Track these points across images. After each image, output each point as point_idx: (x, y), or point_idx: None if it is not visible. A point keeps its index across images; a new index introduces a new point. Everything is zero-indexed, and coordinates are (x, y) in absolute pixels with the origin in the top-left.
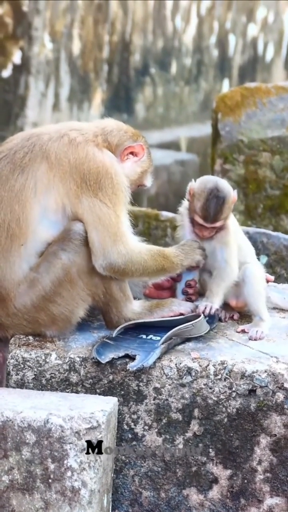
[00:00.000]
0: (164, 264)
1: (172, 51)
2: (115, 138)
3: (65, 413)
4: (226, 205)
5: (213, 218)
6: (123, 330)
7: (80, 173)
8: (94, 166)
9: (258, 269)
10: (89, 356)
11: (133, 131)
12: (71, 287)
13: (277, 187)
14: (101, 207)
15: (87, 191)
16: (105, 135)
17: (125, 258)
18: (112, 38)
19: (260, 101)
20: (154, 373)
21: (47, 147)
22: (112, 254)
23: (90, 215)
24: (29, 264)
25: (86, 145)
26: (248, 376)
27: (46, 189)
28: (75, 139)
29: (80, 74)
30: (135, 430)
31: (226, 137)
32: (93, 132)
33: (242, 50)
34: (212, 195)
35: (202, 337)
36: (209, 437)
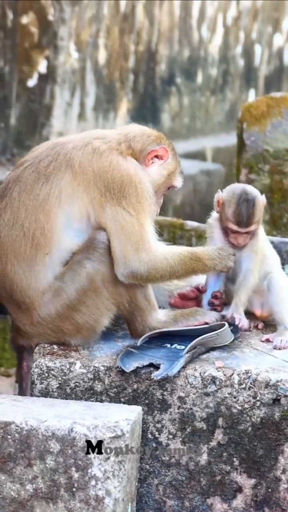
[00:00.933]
0: (195, 267)
1: (198, 61)
2: (138, 143)
3: (89, 422)
4: (257, 207)
5: (246, 221)
6: (147, 339)
7: (104, 182)
8: (118, 174)
9: (283, 279)
10: (114, 365)
11: (156, 134)
12: (96, 296)
13: None
14: (124, 216)
15: (111, 199)
16: (128, 141)
17: (148, 266)
18: (138, 48)
19: (286, 110)
20: (179, 382)
21: (71, 155)
22: (134, 262)
23: (113, 224)
24: (54, 273)
25: (110, 153)
26: (272, 385)
27: (70, 198)
28: (98, 148)
29: (105, 84)
30: (159, 439)
31: (251, 146)
32: (116, 140)
33: (268, 60)
34: (242, 199)
35: (226, 346)
36: (233, 446)
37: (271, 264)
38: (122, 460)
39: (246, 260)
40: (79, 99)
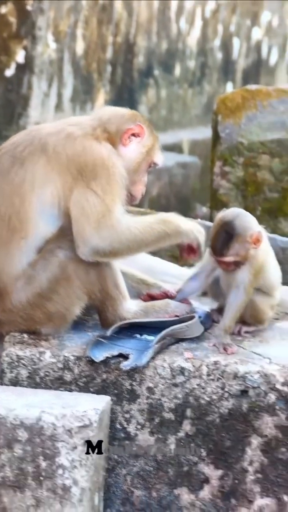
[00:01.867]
0: (166, 229)
1: (176, 53)
2: (113, 125)
3: (58, 411)
4: (235, 243)
5: (219, 252)
6: (117, 329)
7: (76, 165)
8: (91, 158)
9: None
10: (83, 355)
11: (130, 113)
12: (68, 284)
13: (275, 190)
14: (88, 197)
15: (81, 182)
16: (103, 125)
17: (110, 240)
18: (116, 39)
19: (261, 103)
20: (148, 373)
21: (46, 140)
22: (93, 239)
23: (76, 206)
24: (28, 259)
25: (84, 139)
26: (240, 377)
27: (44, 183)
28: (73, 133)
29: (83, 75)
30: (127, 429)
31: (226, 139)
32: (90, 126)
33: (246, 53)
34: (222, 229)
35: (196, 337)
36: (201, 437)
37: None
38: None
39: (240, 279)
40: (57, 90)
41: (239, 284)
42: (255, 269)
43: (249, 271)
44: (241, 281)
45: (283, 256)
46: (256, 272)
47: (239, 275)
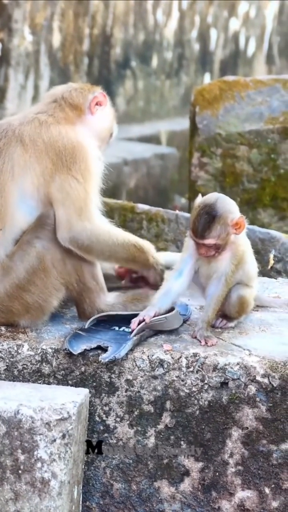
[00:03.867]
0: (137, 256)
1: (153, 44)
2: (78, 97)
3: (36, 404)
4: (217, 224)
5: (201, 233)
6: (95, 321)
7: (55, 150)
8: (69, 142)
9: (248, 291)
10: (62, 348)
11: (86, 85)
12: (45, 275)
13: (254, 181)
14: (71, 183)
15: (62, 167)
16: (67, 101)
17: (90, 234)
18: (92, 31)
19: (239, 94)
20: (126, 365)
21: (20, 130)
22: (77, 227)
23: (59, 192)
24: (6, 251)
25: (58, 124)
26: (220, 369)
27: (23, 171)
28: (46, 121)
29: (60, 67)
30: (107, 422)
31: (204, 130)
32: (58, 108)
33: (224, 44)
34: (203, 211)
35: (175, 329)
36: (180, 429)
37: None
38: (68, 443)
39: (221, 269)
40: (33, 82)
41: (220, 275)
42: (237, 259)
43: (231, 261)
44: (223, 271)
45: (262, 246)
46: (237, 263)
47: (221, 266)
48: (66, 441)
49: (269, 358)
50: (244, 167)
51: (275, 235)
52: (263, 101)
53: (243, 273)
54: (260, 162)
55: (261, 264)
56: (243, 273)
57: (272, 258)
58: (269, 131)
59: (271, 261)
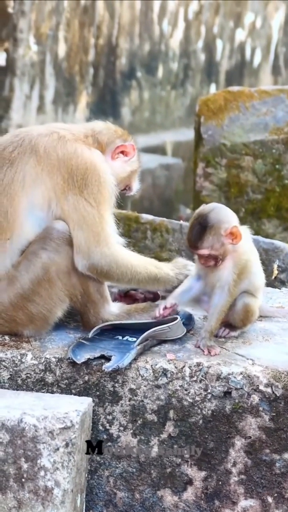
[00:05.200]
0: (157, 273)
1: (158, 55)
2: (105, 136)
3: (39, 413)
4: (209, 235)
5: (194, 244)
6: (99, 331)
7: (67, 168)
8: (82, 162)
9: (254, 301)
10: (65, 357)
11: (122, 131)
12: (50, 286)
13: (259, 191)
14: (86, 206)
15: (73, 187)
16: (95, 135)
17: (109, 260)
18: (98, 41)
19: (243, 105)
20: (130, 374)
21: (37, 141)
22: (96, 254)
23: (75, 213)
24: (12, 260)
25: (75, 142)
26: (223, 378)
27: (34, 183)
28: (64, 136)
29: (65, 77)
30: (110, 431)
31: (209, 140)
32: (83, 133)
33: (230, 55)
34: (196, 222)
35: (178, 339)
36: (184, 438)
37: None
38: (71, 451)
39: (224, 278)
40: (38, 92)
41: (223, 284)
42: (238, 268)
43: (232, 271)
44: (225, 281)
45: (266, 257)
46: (239, 272)
47: (222, 275)
48: (69, 449)
49: (272, 368)
50: (249, 177)
51: (279, 245)
52: (268, 112)
53: (249, 283)
54: (265, 173)
55: (265, 274)
56: (249, 283)
57: (276, 268)
58: (273, 142)
59: (275, 271)
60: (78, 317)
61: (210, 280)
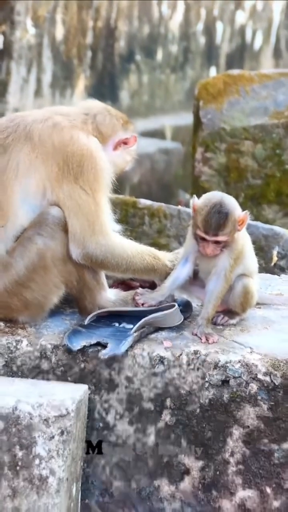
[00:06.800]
0: (154, 264)
1: (158, 38)
2: (107, 128)
3: (34, 400)
4: (229, 221)
5: (214, 230)
6: (95, 318)
7: (63, 155)
8: (78, 149)
9: (251, 282)
10: (61, 344)
11: (123, 118)
12: (45, 273)
13: (258, 177)
14: (81, 194)
15: (68, 175)
16: (95, 123)
17: (104, 249)
18: (96, 24)
19: (243, 88)
20: (126, 362)
21: (31, 128)
22: (91, 243)
23: (70, 202)
24: (6, 247)
25: (71, 129)
26: (221, 367)
27: (28, 171)
28: (60, 123)
29: (63, 60)
30: (106, 419)
31: (208, 125)
32: (81, 119)
33: (230, 38)
34: (215, 210)
35: (175, 326)
36: (181, 427)
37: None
38: (67, 440)
39: (220, 264)
40: (36, 76)
41: (220, 270)
42: (235, 253)
43: (229, 256)
44: (222, 267)
45: (266, 243)
46: (236, 257)
47: (219, 261)
48: (65, 438)
49: (271, 356)
50: (249, 162)
51: (279, 232)
52: (268, 95)
53: (244, 267)
54: (265, 158)
55: (264, 261)
56: (244, 268)
57: (276, 254)
58: (274, 126)
59: (274, 258)
60: (74, 303)
61: (204, 267)
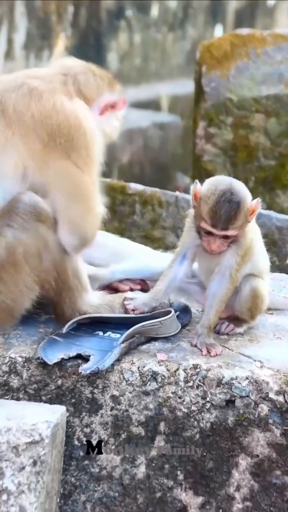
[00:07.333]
0: None
1: None
2: (91, 89)
3: (1, 424)
4: (241, 212)
5: (224, 223)
6: (76, 325)
7: (47, 129)
8: (65, 119)
9: (261, 284)
10: (34, 356)
11: (109, 78)
12: (15, 271)
13: (272, 156)
14: (76, 173)
15: (57, 151)
16: (77, 84)
17: (95, 231)
18: None
19: (254, 51)
20: (112, 378)
21: (3, 99)
22: (88, 228)
23: (63, 181)
24: None
25: (52, 94)
26: (225, 384)
27: (3, 150)
28: (37, 88)
29: (39, 16)
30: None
31: (212, 94)
32: (59, 80)
33: None
34: (224, 198)
35: (171, 335)
36: (177, 456)
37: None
38: (40, 471)
39: (225, 262)
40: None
41: (225, 269)
42: (243, 249)
43: (236, 253)
44: (228, 265)
45: (280, 236)
46: (244, 254)
47: (224, 259)
48: (38, 469)
49: (284, 372)
50: (260, 139)
51: None
52: (284, 60)
53: (252, 266)
54: (280, 134)
55: (278, 258)
56: (252, 266)
57: None
58: None
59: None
60: (51, 308)
61: (206, 265)
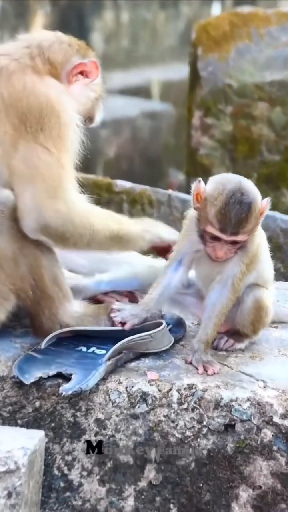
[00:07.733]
0: (120, 231)
1: None
2: (58, 54)
3: None
4: (253, 214)
5: (233, 228)
6: (56, 339)
7: (17, 112)
8: (36, 101)
9: (265, 294)
10: (9, 375)
11: (79, 44)
12: None
13: (276, 150)
14: (40, 154)
15: (26, 134)
16: (44, 53)
17: (65, 218)
18: None
19: (256, 32)
20: (97, 400)
21: None
22: (49, 212)
23: (25, 166)
24: None
25: (22, 74)
26: (224, 406)
27: None
28: (6, 67)
29: None
30: (69, 477)
31: (209, 80)
32: (27, 54)
33: None
34: (234, 199)
35: (163, 352)
36: (169, 488)
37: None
38: (15, 504)
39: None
40: None
41: (227, 278)
42: (249, 256)
43: (241, 260)
44: (231, 274)
45: (285, 240)
46: (249, 262)
47: (227, 266)
48: (13, 501)
49: None
50: (263, 131)
51: None
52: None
53: (257, 274)
54: (285, 125)
55: (283, 264)
56: (257, 275)
57: None
58: None
59: None
60: (28, 320)
61: (205, 273)
